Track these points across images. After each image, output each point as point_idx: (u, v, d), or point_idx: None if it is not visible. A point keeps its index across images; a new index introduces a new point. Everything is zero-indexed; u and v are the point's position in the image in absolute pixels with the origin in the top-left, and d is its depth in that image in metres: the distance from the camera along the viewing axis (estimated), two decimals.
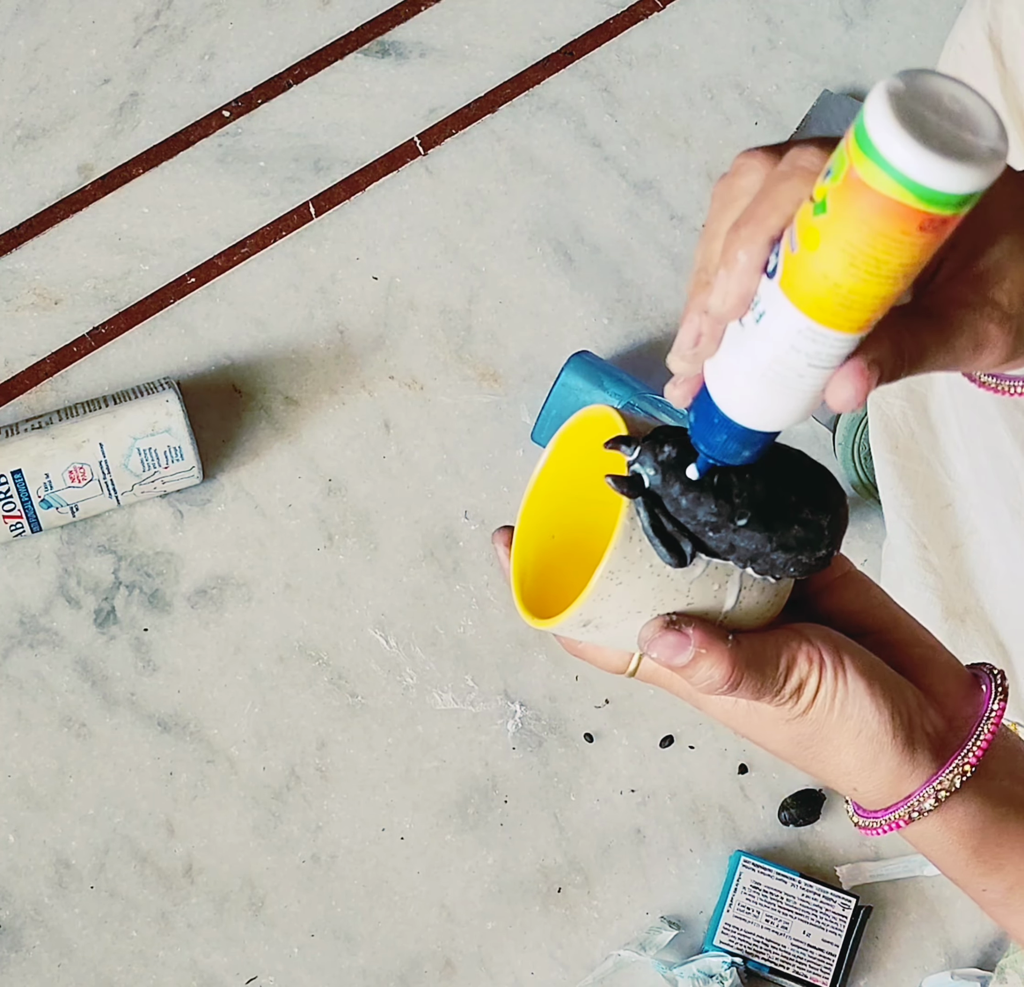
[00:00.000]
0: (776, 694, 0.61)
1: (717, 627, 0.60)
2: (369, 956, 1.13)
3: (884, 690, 0.61)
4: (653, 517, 0.58)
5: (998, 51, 0.98)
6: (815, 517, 0.59)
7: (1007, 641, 1.10)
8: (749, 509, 0.58)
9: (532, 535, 0.65)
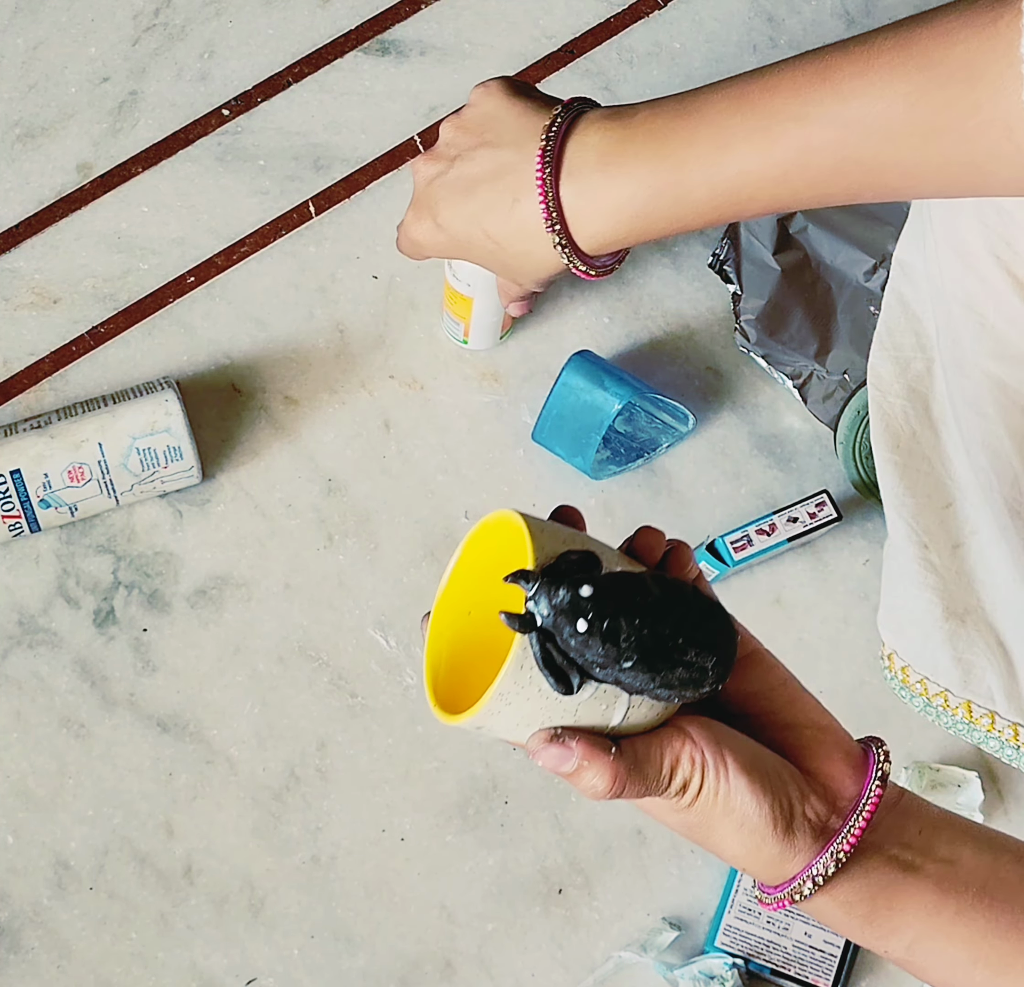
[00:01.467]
0: (662, 793, 0.65)
1: (601, 739, 0.64)
2: (369, 957, 1.13)
3: (764, 783, 0.65)
4: (544, 651, 0.62)
5: None
6: (700, 660, 0.63)
7: (1008, 641, 1.10)
8: (635, 653, 0.61)
9: (449, 621, 0.69)
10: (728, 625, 0.65)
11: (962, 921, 0.66)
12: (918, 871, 0.66)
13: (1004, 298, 1.00)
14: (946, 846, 0.67)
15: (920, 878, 0.66)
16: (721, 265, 1.24)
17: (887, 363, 1.13)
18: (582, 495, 1.22)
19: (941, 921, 0.66)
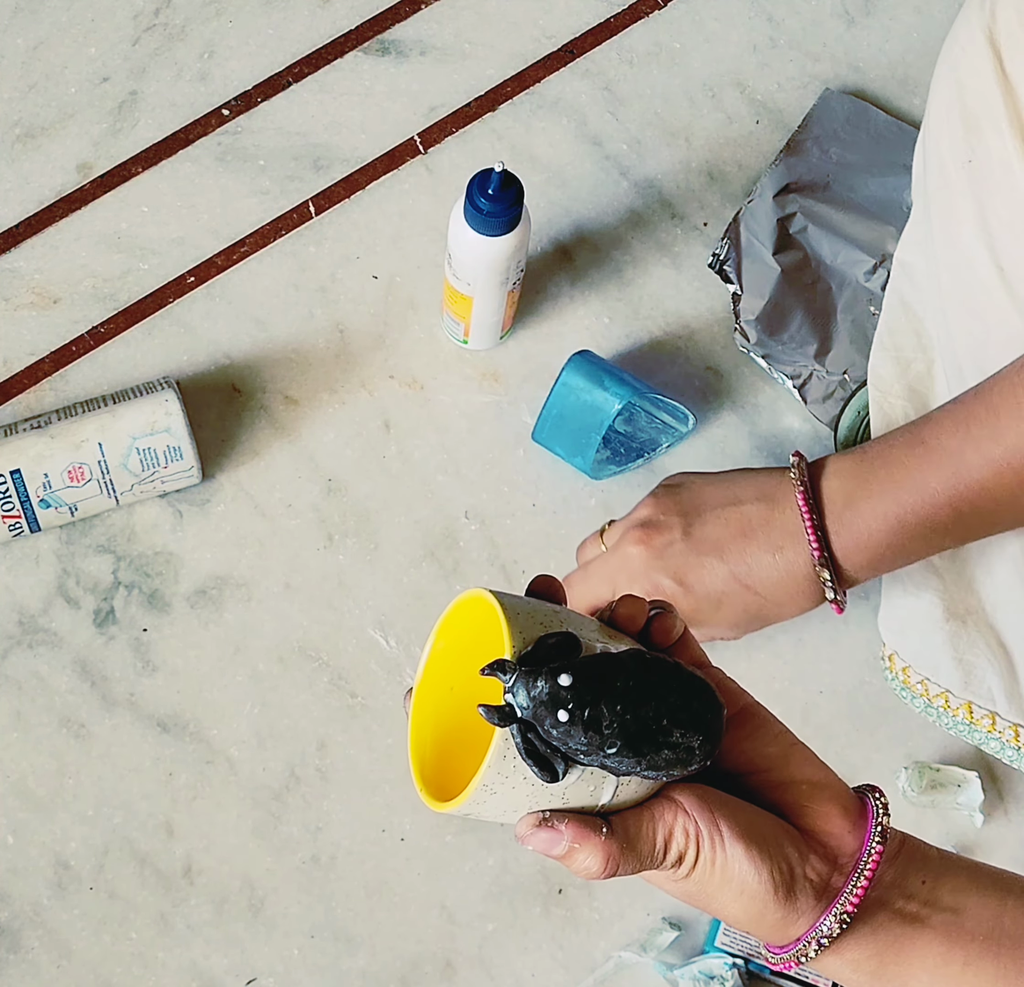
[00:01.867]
0: (658, 867, 0.64)
1: (591, 818, 0.63)
2: (369, 957, 1.13)
3: (762, 849, 0.64)
4: (527, 741, 0.61)
5: (998, 55, 0.98)
6: (686, 740, 0.62)
7: (1008, 642, 1.10)
8: (618, 739, 0.61)
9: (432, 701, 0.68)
10: (714, 701, 0.64)
11: (971, 971, 0.65)
12: (924, 923, 0.65)
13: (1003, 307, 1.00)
14: (950, 895, 0.66)
15: (927, 930, 0.65)
16: (721, 265, 1.24)
17: (888, 363, 1.13)
18: (582, 495, 1.22)
19: (950, 973, 0.65)
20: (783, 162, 1.27)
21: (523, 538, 1.21)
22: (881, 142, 1.29)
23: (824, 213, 1.25)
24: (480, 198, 1.09)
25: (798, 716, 1.19)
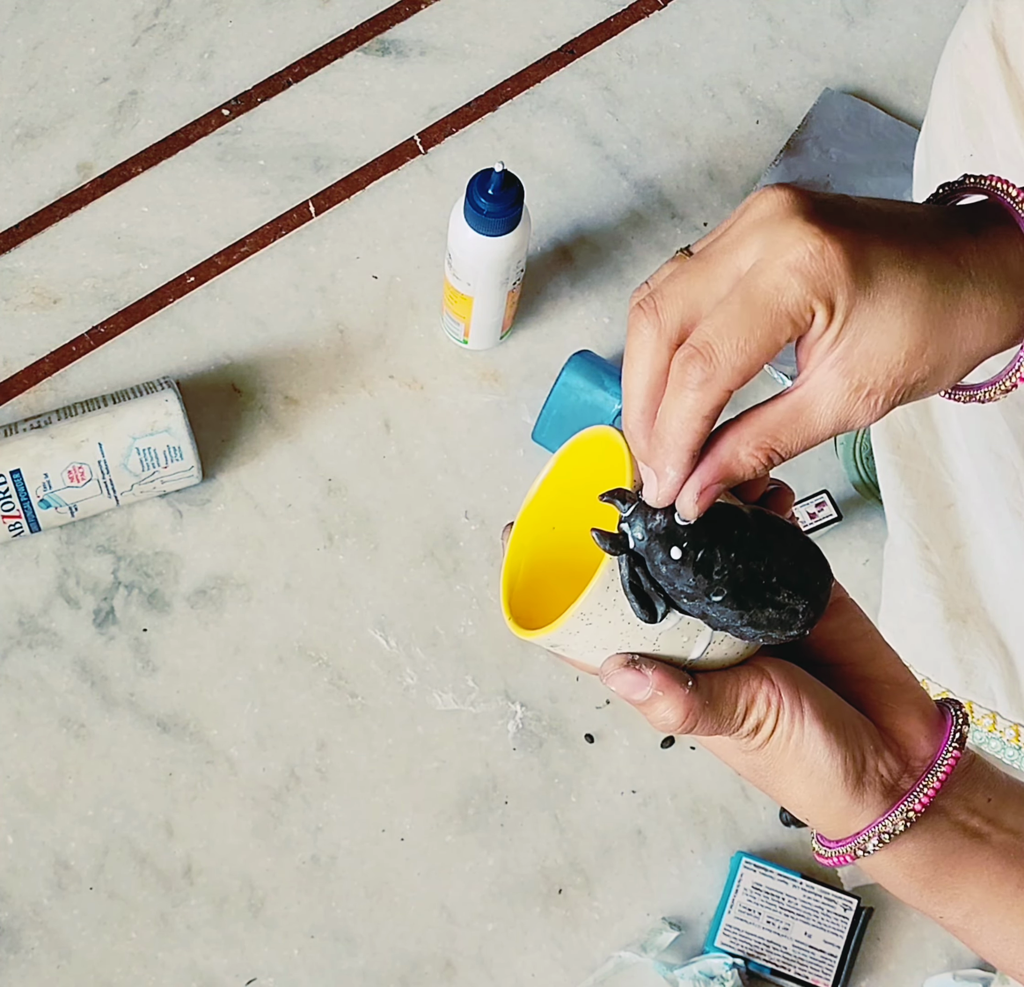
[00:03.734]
0: (733, 732, 0.63)
1: (678, 671, 0.62)
2: (369, 957, 1.13)
3: (839, 734, 0.63)
4: (632, 575, 0.60)
5: (1002, 50, 0.98)
6: (791, 602, 0.61)
7: (1009, 641, 1.10)
8: (726, 587, 0.59)
9: (531, 535, 0.66)
10: (824, 570, 0.62)
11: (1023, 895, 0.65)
12: (984, 840, 0.65)
13: None
14: (1013, 817, 0.65)
15: (986, 847, 0.65)
16: None
17: None
18: None
19: (1003, 893, 0.65)
20: (783, 162, 1.27)
21: None
22: (881, 142, 1.29)
23: None
24: (480, 198, 1.09)
25: None
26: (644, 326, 0.58)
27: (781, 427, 0.59)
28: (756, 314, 0.55)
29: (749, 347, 0.55)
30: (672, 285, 0.58)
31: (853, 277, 0.56)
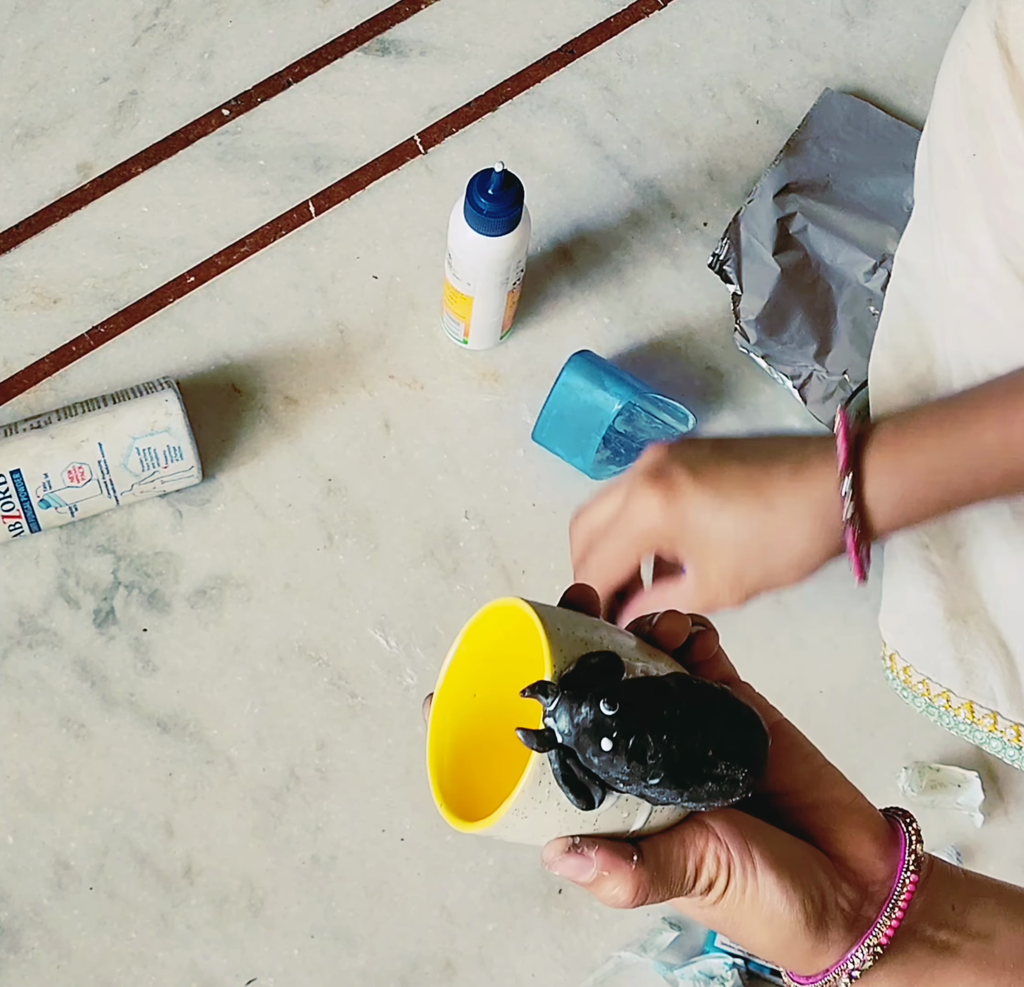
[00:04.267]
0: (686, 894, 0.62)
1: (622, 845, 0.61)
2: (369, 957, 1.13)
3: (794, 879, 0.62)
4: (564, 767, 0.58)
5: (1005, 49, 0.98)
6: (731, 772, 0.60)
7: (1009, 642, 1.10)
8: (662, 770, 0.58)
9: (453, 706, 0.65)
10: (760, 731, 0.61)
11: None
12: (955, 952, 0.63)
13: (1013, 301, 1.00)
14: (979, 920, 0.64)
15: (957, 959, 0.63)
16: (721, 265, 1.24)
17: (888, 363, 1.13)
18: (582, 495, 1.21)
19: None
20: (783, 162, 1.27)
21: (523, 538, 1.21)
22: (881, 142, 1.29)
23: (824, 213, 1.25)
24: (480, 198, 1.09)
25: (798, 716, 1.18)
26: None
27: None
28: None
29: None
30: None
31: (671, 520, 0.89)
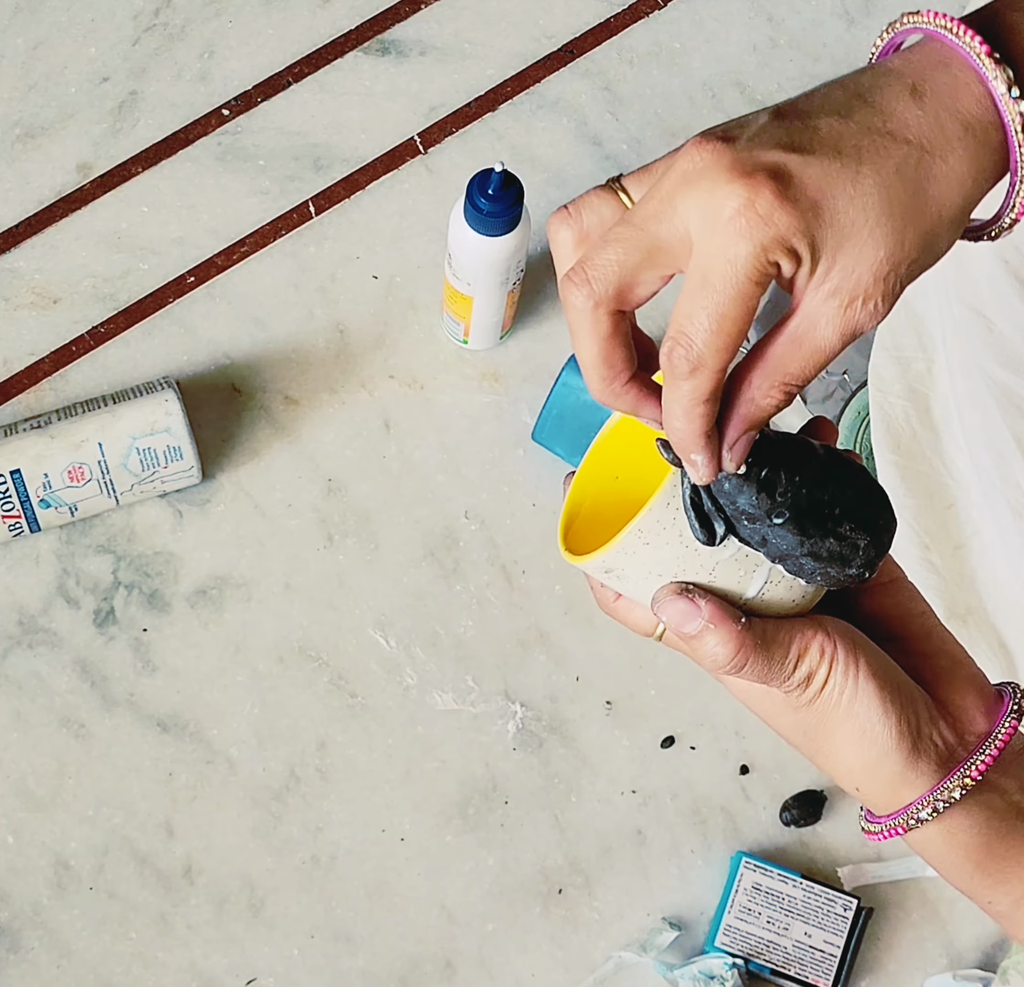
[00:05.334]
0: (783, 681, 0.60)
1: (731, 606, 0.60)
2: (369, 957, 1.13)
3: (895, 695, 0.61)
4: (694, 490, 0.58)
5: None
6: (853, 535, 0.59)
7: (1009, 642, 1.10)
8: (788, 510, 0.58)
9: (593, 482, 0.65)
10: (888, 511, 0.61)
11: None
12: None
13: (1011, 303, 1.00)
14: None
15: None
16: None
17: (888, 363, 1.14)
18: None
19: None
20: None
21: (523, 538, 1.21)
22: None
23: None
24: (480, 198, 1.09)
25: None
26: (578, 298, 0.57)
27: (787, 360, 0.56)
28: (718, 292, 0.54)
29: (724, 324, 0.54)
30: (603, 254, 0.56)
31: (797, 215, 0.54)
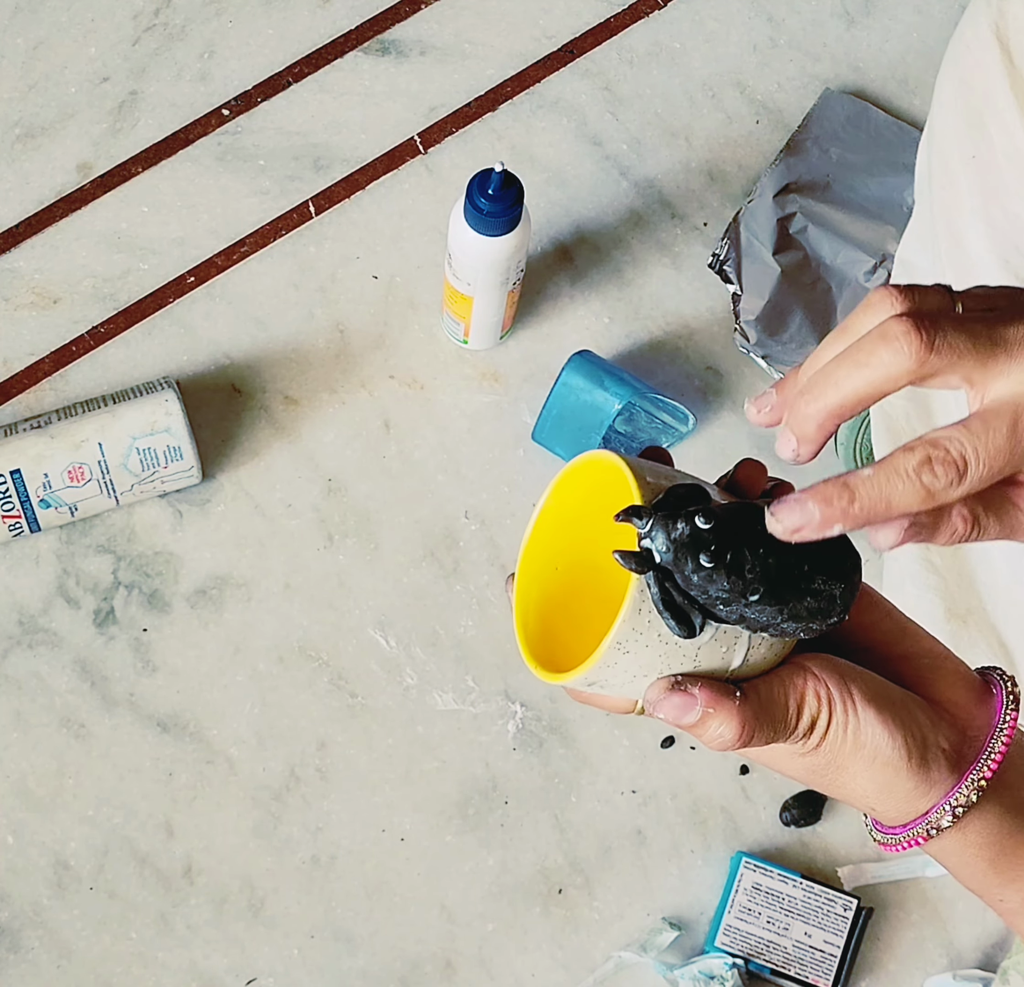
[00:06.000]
0: (789, 735, 0.61)
1: (723, 684, 0.60)
2: (369, 957, 1.13)
3: (894, 714, 0.61)
4: (664, 592, 0.57)
5: (1006, 49, 0.98)
6: (828, 587, 0.59)
7: (1010, 642, 1.10)
8: (761, 584, 0.58)
9: (535, 575, 0.65)
10: (850, 549, 0.60)
11: None
12: None
13: None
14: None
15: None
16: (721, 265, 1.24)
17: None
18: None
19: None
20: (783, 162, 1.27)
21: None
22: (881, 142, 1.29)
23: (824, 213, 1.25)
24: (480, 198, 1.09)
25: None
26: (913, 346, 0.55)
27: None
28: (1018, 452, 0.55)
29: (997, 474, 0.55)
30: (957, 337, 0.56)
31: None
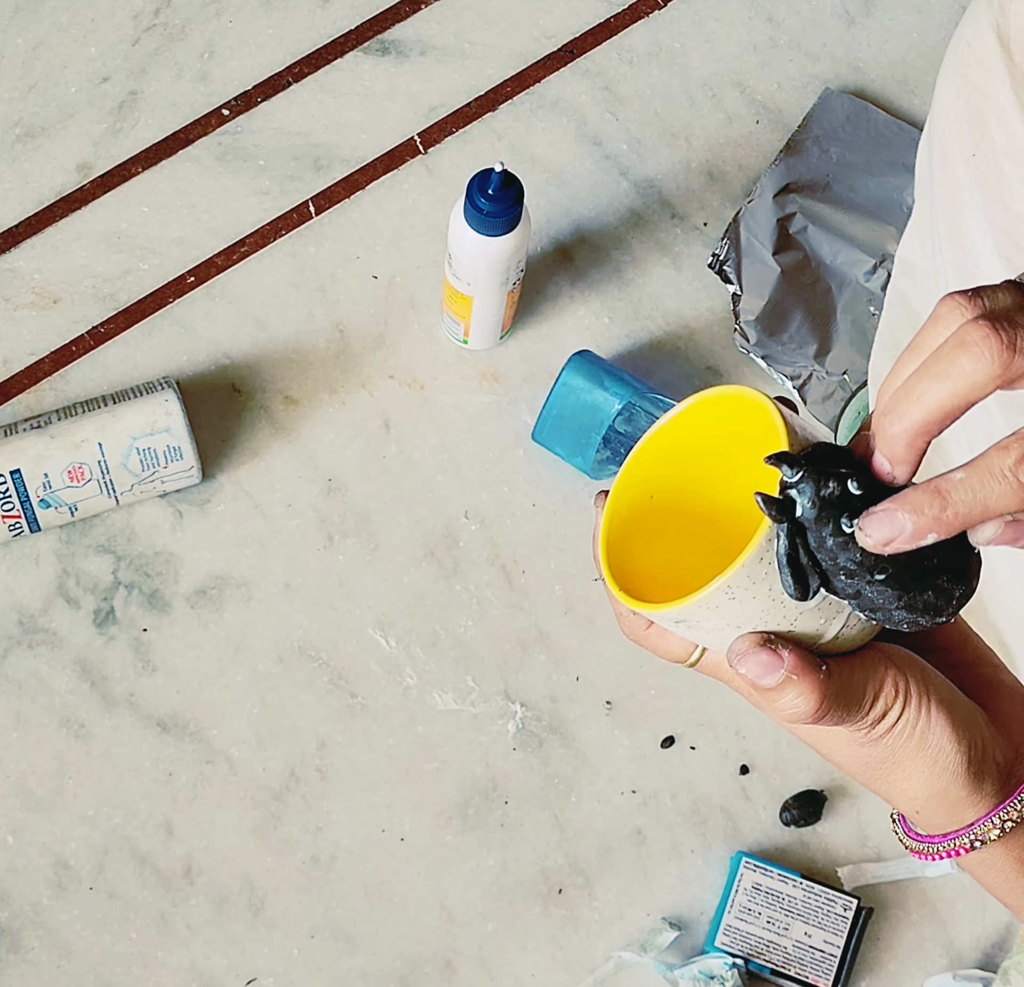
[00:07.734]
0: (858, 721, 0.60)
1: (812, 655, 0.58)
2: (369, 957, 1.13)
3: (962, 721, 0.60)
4: (792, 547, 0.55)
5: (1007, 48, 0.98)
6: (950, 586, 0.57)
7: (1009, 641, 1.10)
8: (891, 566, 0.56)
9: (628, 499, 0.62)
10: (976, 555, 0.58)
11: None
12: None
13: None
14: None
15: None
16: (721, 265, 1.24)
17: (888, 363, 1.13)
18: (582, 495, 1.22)
19: None
20: (783, 162, 1.27)
21: (523, 538, 1.21)
22: (881, 142, 1.29)
23: (824, 213, 1.25)
24: (480, 198, 1.09)
25: None
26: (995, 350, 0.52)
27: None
28: None
29: None
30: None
31: None
